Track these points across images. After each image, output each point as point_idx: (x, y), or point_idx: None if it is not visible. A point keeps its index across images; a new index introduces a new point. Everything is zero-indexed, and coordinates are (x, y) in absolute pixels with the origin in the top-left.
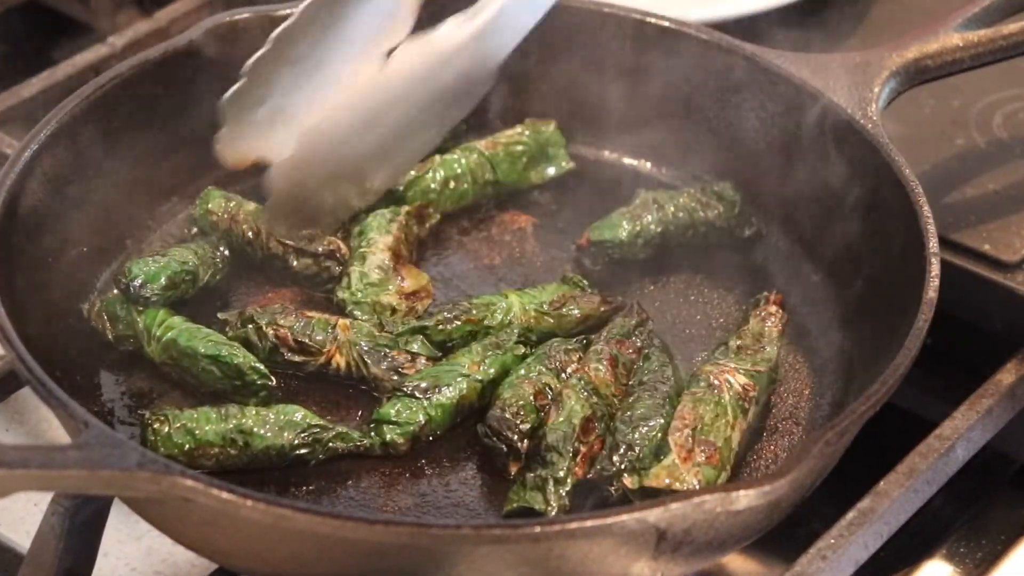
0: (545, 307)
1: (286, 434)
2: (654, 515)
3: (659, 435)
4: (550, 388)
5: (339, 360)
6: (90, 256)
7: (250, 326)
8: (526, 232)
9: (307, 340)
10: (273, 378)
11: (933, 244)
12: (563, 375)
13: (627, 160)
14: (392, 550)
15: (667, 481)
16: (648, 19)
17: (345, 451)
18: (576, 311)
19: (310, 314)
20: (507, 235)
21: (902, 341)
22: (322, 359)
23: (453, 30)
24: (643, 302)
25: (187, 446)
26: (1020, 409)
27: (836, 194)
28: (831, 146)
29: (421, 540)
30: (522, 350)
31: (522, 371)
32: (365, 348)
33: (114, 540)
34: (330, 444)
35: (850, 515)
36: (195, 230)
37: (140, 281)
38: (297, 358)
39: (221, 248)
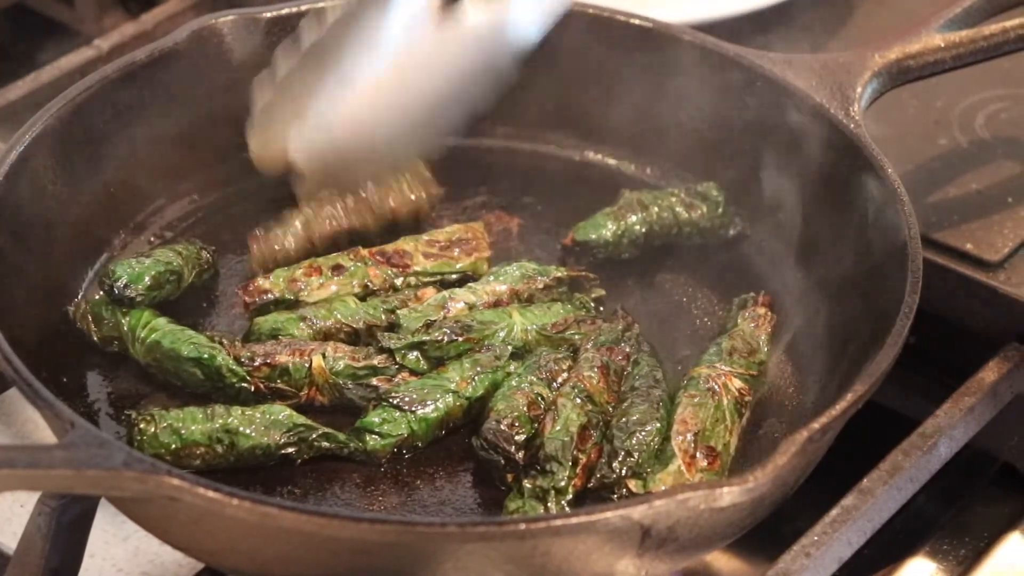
0: (548, 329)
1: (272, 433)
2: (638, 512)
3: (656, 439)
4: (542, 398)
5: (321, 399)
6: (75, 257)
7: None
8: (512, 232)
9: (282, 386)
10: (250, 380)
11: (915, 244)
12: (554, 384)
13: (611, 161)
14: (378, 548)
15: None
16: (632, 21)
17: (331, 451)
18: (577, 336)
19: (281, 360)
20: (492, 236)
21: (884, 340)
22: (302, 399)
23: (475, 14)
24: (627, 302)
25: (173, 446)
26: (1002, 407)
27: (819, 194)
28: (814, 147)
29: (407, 538)
30: (513, 367)
31: (513, 382)
32: (342, 384)
33: (101, 541)
34: (315, 443)
35: (833, 512)
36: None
37: (124, 282)
38: (278, 400)
39: (206, 248)
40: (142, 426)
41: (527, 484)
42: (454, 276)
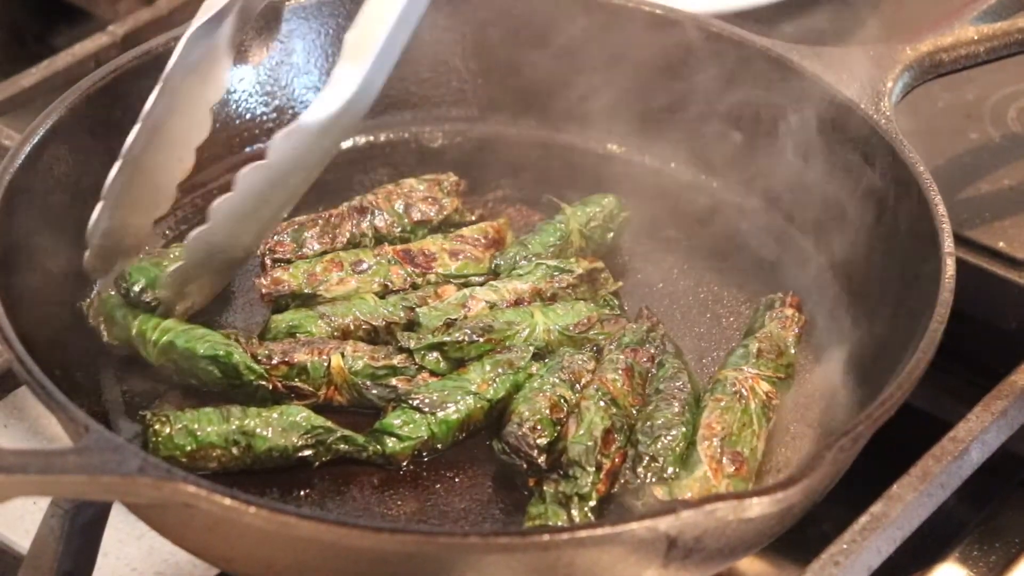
0: (571, 329)
1: (289, 435)
2: (665, 523)
3: (681, 444)
4: (565, 400)
5: (339, 398)
6: None
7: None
8: (533, 228)
9: (299, 384)
10: (268, 379)
11: (948, 244)
12: (577, 386)
13: (635, 155)
14: (398, 558)
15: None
16: (657, 11)
17: (349, 453)
18: (601, 336)
19: (300, 358)
20: (514, 230)
21: (917, 343)
22: (320, 399)
23: (322, 108)
24: (651, 301)
25: (189, 448)
26: None
27: (848, 191)
28: (843, 141)
29: (428, 549)
30: (535, 368)
31: (536, 383)
32: (361, 384)
33: (115, 540)
34: (334, 446)
35: (863, 520)
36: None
37: (140, 286)
38: (295, 399)
39: None
40: (157, 427)
41: (549, 489)
42: (479, 278)
